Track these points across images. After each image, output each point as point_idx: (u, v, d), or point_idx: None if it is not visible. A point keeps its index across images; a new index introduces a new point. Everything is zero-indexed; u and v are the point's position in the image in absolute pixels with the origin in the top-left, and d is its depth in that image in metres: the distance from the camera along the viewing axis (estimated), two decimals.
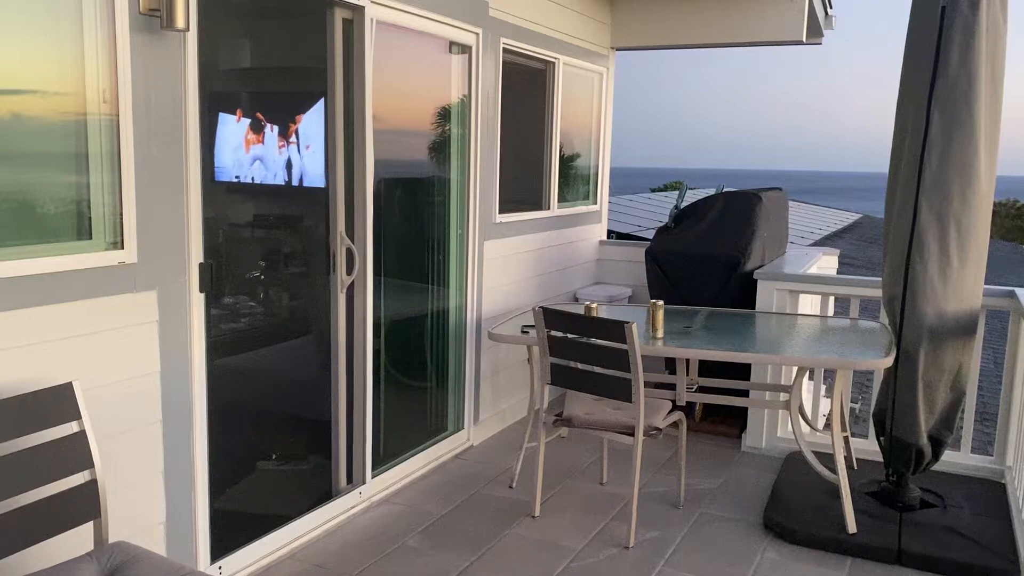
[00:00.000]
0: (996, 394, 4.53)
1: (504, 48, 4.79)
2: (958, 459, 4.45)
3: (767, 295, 4.80)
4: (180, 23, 2.59)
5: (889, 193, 3.90)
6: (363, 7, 3.61)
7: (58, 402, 2.33)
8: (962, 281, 3.71)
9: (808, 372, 4.25)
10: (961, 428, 4.34)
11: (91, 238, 2.55)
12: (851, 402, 5.74)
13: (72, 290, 2.49)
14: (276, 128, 4.97)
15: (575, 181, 6.09)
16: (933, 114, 3.59)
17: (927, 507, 3.94)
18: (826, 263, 6.30)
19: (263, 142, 5.42)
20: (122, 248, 2.62)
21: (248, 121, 5.07)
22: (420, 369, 4.55)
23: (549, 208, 5.60)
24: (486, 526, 3.80)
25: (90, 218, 2.55)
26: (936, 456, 3.91)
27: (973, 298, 3.79)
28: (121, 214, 2.61)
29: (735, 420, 5.22)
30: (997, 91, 3.65)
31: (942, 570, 3.46)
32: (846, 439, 4.44)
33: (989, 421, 8.24)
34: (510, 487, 4.24)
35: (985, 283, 3.91)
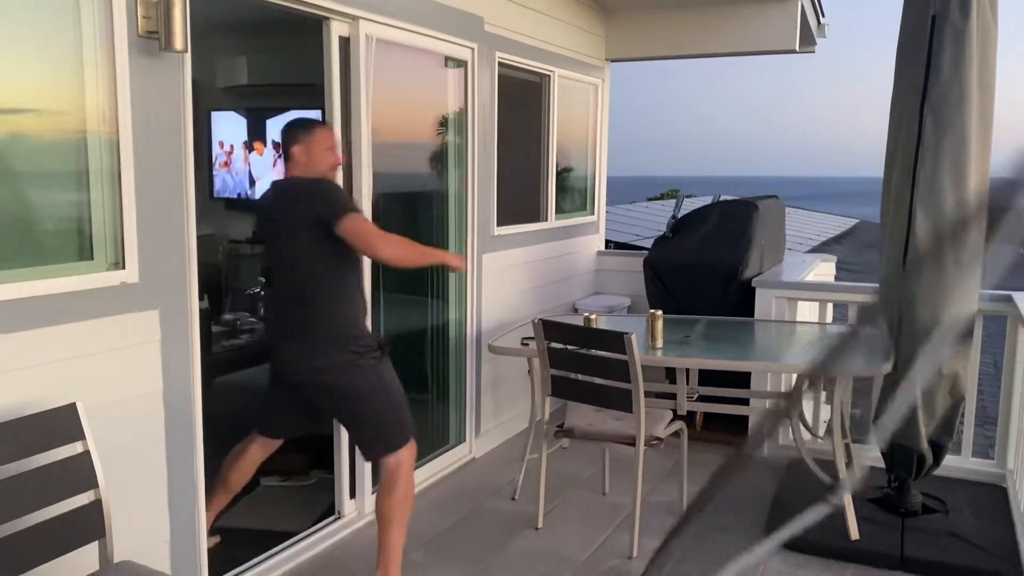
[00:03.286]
0: (996, 397, 4.53)
1: (500, 62, 4.81)
2: (959, 463, 4.45)
3: (766, 303, 4.81)
4: (179, 45, 2.61)
5: (884, 199, 3.92)
6: (359, 25, 3.64)
7: (62, 423, 2.34)
8: (958, 286, 3.73)
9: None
10: (962, 432, 4.35)
11: (92, 259, 2.56)
12: (851, 408, 5.74)
13: (75, 311, 2.50)
14: (273, 144, 5.00)
15: (572, 192, 6.12)
16: (926, 120, 3.62)
17: (929, 512, 3.95)
18: (824, 270, 6.32)
19: (261, 158, 5.43)
20: (123, 268, 2.63)
21: (246, 138, 5.09)
22: (421, 383, 4.55)
23: (547, 220, 5.62)
24: (489, 539, 3.80)
25: (91, 238, 2.56)
26: (937, 461, 3.92)
27: (969, 303, 3.81)
28: (122, 234, 2.62)
29: (736, 428, 5.22)
30: (989, 95, 3.68)
31: (945, 575, 3.46)
32: (847, 445, 4.45)
33: (990, 425, 8.23)
34: (512, 499, 4.24)
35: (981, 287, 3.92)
